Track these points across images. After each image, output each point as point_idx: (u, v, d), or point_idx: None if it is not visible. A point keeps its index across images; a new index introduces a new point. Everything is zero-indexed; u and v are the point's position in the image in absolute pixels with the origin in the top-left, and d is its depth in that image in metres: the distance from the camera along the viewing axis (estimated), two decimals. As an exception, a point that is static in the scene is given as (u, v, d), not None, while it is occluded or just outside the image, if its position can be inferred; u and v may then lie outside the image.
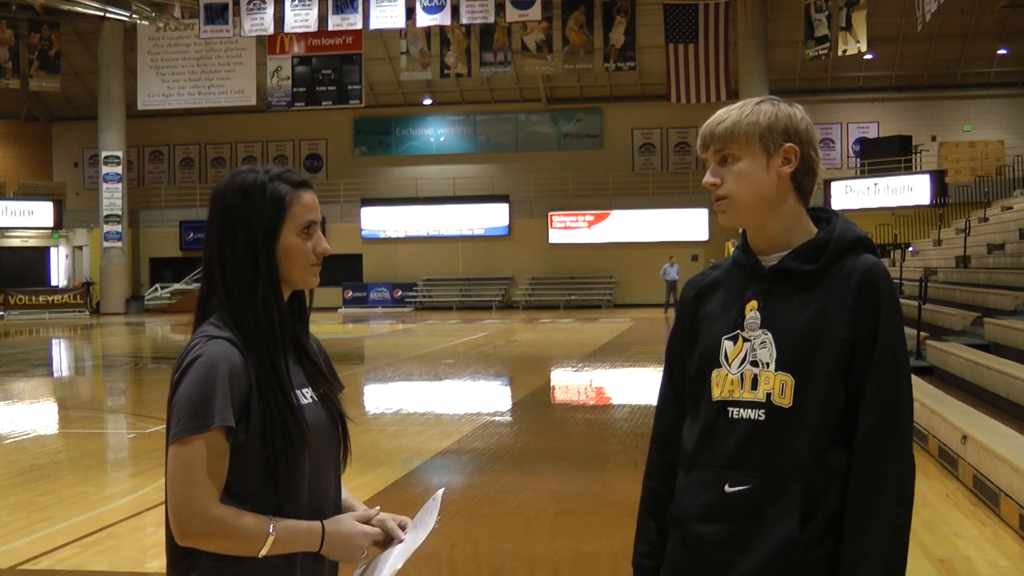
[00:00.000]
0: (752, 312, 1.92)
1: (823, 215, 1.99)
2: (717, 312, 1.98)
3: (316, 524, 1.92)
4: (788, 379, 1.86)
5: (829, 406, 1.85)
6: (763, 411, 1.87)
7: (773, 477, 1.84)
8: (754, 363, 1.89)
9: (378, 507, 2.05)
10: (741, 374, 1.90)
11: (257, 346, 1.93)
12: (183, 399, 1.85)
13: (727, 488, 1.87)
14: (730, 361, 1.92)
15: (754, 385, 1.89)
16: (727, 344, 1.93)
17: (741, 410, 1.89)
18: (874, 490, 1.82)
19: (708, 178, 1.97)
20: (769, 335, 1.89)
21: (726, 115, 1.97)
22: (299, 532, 1.90)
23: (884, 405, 1.84)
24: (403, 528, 2.04)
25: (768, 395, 1.87)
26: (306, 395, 1.99)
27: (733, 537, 1.86)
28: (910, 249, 24.39)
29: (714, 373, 1.94)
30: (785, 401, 1.86)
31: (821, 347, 1.85)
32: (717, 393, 1.92)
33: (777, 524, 1.82)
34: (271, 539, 1.86)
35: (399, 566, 1.95)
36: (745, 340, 1.92)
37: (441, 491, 2.16)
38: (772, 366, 1.88)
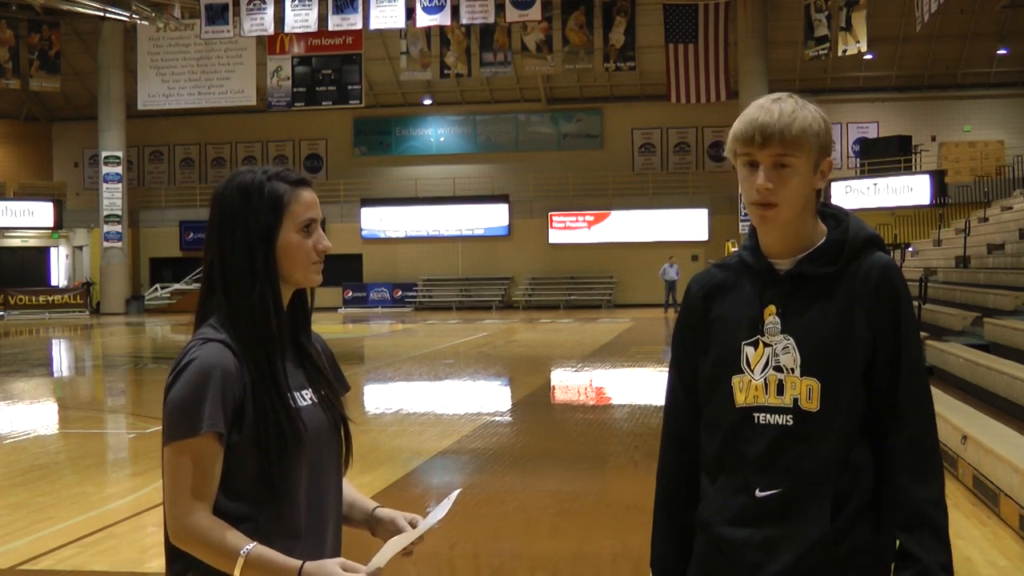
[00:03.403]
0: (771, 317, 1.91)
1: (828, 211, 1.98)
2: (731, 316, 1.96)
3: (295, 563, 1.84)
4: (815, 383, 1.87)
5: (855, 407, 1.87)
6: (791, 416, 1.87)
7: (803, 480, 1.86)
8: (778, 368, 1.89)
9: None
10: (765, 380, 1.90)
11: (254, 347, 1.91)
12: (173, 404, 1.85)
13: (758, 493, 1.88)
14: (752, 367, 1.91)
15: (780, 390, 1.89)
16: (748, 350, 1.92)
17: (768, 416, 1.89)
18: (925, 480, 1.89)
19: (764, 182, 1.86)
20: (791, 340, 1.89)
21: (791, 116, 1.85)
22: (273, 564, 1.83)
23: (918, 409, 1.89)
24: (413, 526, 2.03)
25: (795, 400, 1.87)
26: (305, 397, 1.98)
27: (766, 540, 1.87)
28: (910, 249, 24.38)
29: (735, 379, 1.93)
30: (812, 405, 1.86)
31: (845, 349, 1.87)
32: (741, 399, 1.92)
33: (808, 524, 1.84)
34: (241, 560, 1.81)
35: (400, 548, 1.94)
36: (766, 345, 1.91)
37: (457, 492, 2.13)
38: (797, 371, 1.88)
